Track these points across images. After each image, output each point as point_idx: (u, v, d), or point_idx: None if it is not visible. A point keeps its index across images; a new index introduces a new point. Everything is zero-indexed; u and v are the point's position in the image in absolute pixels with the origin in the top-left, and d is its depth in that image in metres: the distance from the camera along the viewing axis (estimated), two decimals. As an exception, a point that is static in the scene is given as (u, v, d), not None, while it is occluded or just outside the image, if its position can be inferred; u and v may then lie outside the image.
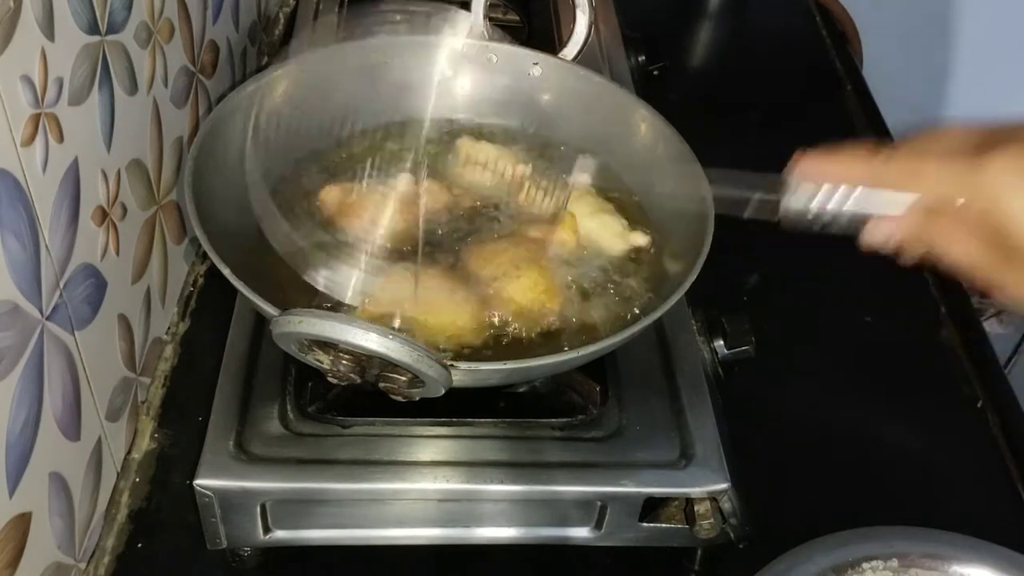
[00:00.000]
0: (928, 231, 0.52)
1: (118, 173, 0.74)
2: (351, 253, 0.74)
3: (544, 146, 0.89)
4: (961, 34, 1.95)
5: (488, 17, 0.91)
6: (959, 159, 0.50)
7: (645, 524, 0.73)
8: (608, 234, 0.81)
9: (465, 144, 0.87)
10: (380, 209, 0.78)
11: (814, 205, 0.55)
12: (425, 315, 0.71)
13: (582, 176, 0.82)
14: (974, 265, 0.51)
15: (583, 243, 0.80)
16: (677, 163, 0.81)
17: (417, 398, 0.63)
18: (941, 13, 1.94)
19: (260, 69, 1.09)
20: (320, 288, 0.67)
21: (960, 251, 0.51)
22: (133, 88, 0.76)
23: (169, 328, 0.89)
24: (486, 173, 0.84)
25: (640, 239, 0.81)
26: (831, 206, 0.55)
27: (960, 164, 0.50)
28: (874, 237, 0.54)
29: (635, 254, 0.81)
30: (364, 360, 0.60)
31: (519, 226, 0.80)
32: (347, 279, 0.68)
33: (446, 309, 0.72)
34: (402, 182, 0.81)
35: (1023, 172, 0.47)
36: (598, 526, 0.73)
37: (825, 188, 0.55)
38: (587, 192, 0.84)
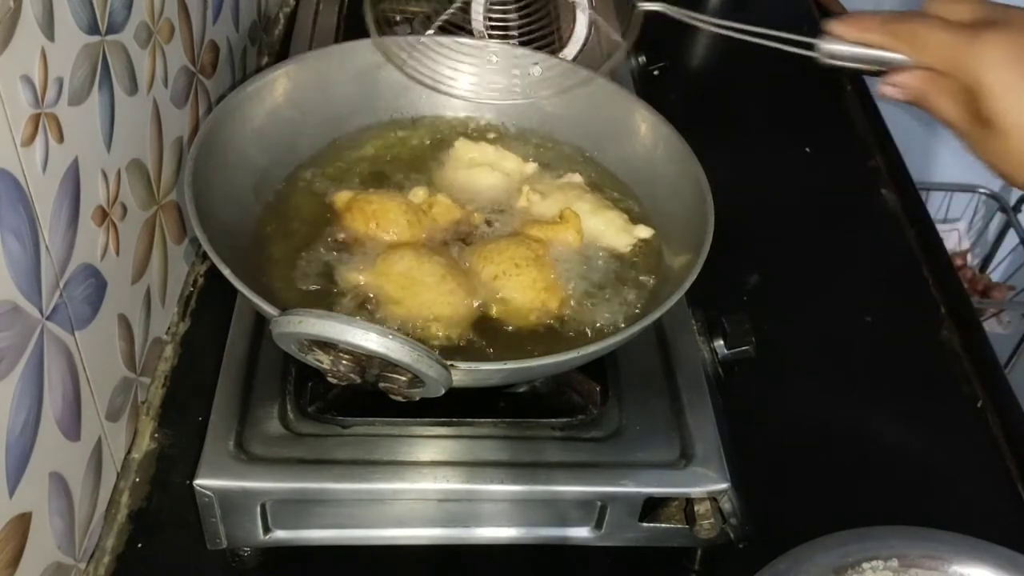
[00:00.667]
0: (926, 89, 0.59)
1: (118, 173, 0.74)
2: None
3: (544, 146, 0.89)
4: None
5: (488, 17, 0.92)
6: (957, 31, 0.57)
7: (645, 524, 0.73)
8: (612, 230, 0.81)
9: (463, 146, 0.87)
10: (390, 218, 0.78)
11: (840, 56, 0.64)
12: (405, 294, 0.72)
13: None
14: (957, 126, 0.58)
15: (587, 242, 0.80)
16: (677, 163, 0.81)
17: (417, 398, 0.63)
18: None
19: (260, 69, 1.09)
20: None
21: (948, 111, 0.58)
22: (133, 88, 0.76)
23: (169, 328, 0.89)
24: (485, 174, 0.84)
25: (644, 231, 0.81)
26: (852, 59, 0.64)
27: (956, 36, 0.57)
28: (885, 90, 0.62)
29: (640, 247, 0.81)
30: (364, 360, 0.60)
31: (522, 225, 0.80)
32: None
33: (430, 294, 0.72)
34: (416, 195, 0.81)
35: (1009, 52, 0.54)
36: (598, 526, 0.73)
37: (848, 46, 0.63)
38: (585, 190, 0.84)
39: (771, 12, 1.53)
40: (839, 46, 0.64)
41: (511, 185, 0.84)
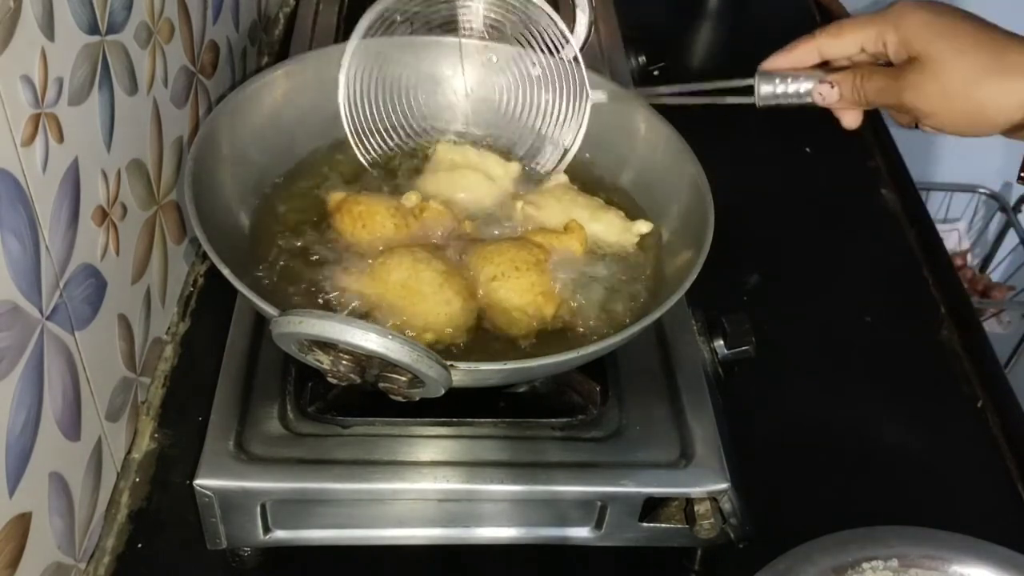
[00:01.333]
0: (854, 78, 0.68)
1: (118, 173, 0.74)
2: None
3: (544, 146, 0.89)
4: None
5: (488, 17, 0.91)
6: (872, 12, 0.67)
7: (645, 524, 0.73)
8: (614, 231, 0.81)
9: (444, 149, 0.86)
10: (377, 221, 0.78)
11: (779, 91, 0.72)
12: (404, 304, 0.72)
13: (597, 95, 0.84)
14: (886, 90, 0.66)
15: (590, 248, 0.80)
16: (677, 163, 0.81)
17: (417, 398, 0.63)
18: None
19: (260, 69, 1.09)
20: None
21: (877, 84, 0.66)
22: (133, 88, 0.76)
23: (169, 328, 0.89)
24: (467, 177, 0.84)
25: (644, 226, 0.81)
26: (791, 95, 0.72)
27: (873, 14, 0.67)
28: (820, 96, 0.70)
29: (642, 243, 0.81)
30: (364, 360, 0.60)
31: (526, 231, 0.80)
32: None
33: (426, 304, 0.72)
34: (409, 199, 0.81)
35: (919, 4, 0.64)
36: (598, 526, 0.73)
37: (782, 76, 0.71)
38: (577, 193, 0.83)
39: (771, 12, 1.53)
40: (774, 84, 0.71)
41: (496, 189, 0.84)
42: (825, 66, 0.71)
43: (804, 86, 0.70)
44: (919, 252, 1.10)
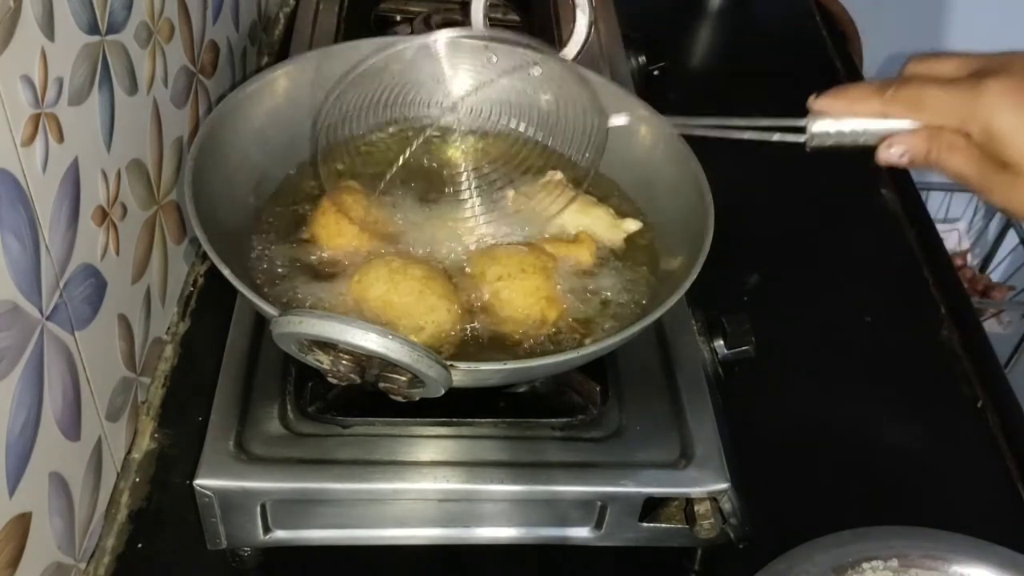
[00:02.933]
0: (931, 148, 0.59)
1: (118, 173, 0.74)
2: None
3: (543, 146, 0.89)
4: (960, 34, 1.95)
5: (488, 17, 0.91)
6: (958, 86, 0.57)
7: (645, 524, 0.73)
8: (601, 226, 0.81)
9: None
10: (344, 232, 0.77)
11: (832, 135, 0.63)
12: (387, 318, 0.71)
13: (619, 120, 0.79)
14: (969, 177, 0.58)
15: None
16: (677, 163, 0.81)
17: (417, 398, 0.63)
18: (940, 13, 1.94)
19: (260, 69, 1.09)
20: None
21: (958, 164, 0.58)
22: (133, 88, 0.76)
23: (169, 328, 0.89)
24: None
25: (632, 224, 0.81)
26: (847, 135, 0.62)
27: (959, 91, 0.57)
28: (887, 156, 0.61)
29: (639, 242, 0.81)
30: (364, 360, 0.60)
31: (538, 241, 0.80)
32: None
33: (409, 319, 0.71)
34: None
35: (1016, 95, 0.55)
36: (598, 526, 0.73)
37: (841, 121, 0.62)
38: (571, 189, 0.83)
39: (771, 12, 1.53)
40: (829, 123, 0.62)
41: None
42: None
43: (862, 128, 0.62)
44: (919, 252, 1.10)
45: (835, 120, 0.62)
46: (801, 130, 0.64)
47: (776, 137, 0.65)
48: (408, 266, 0.73)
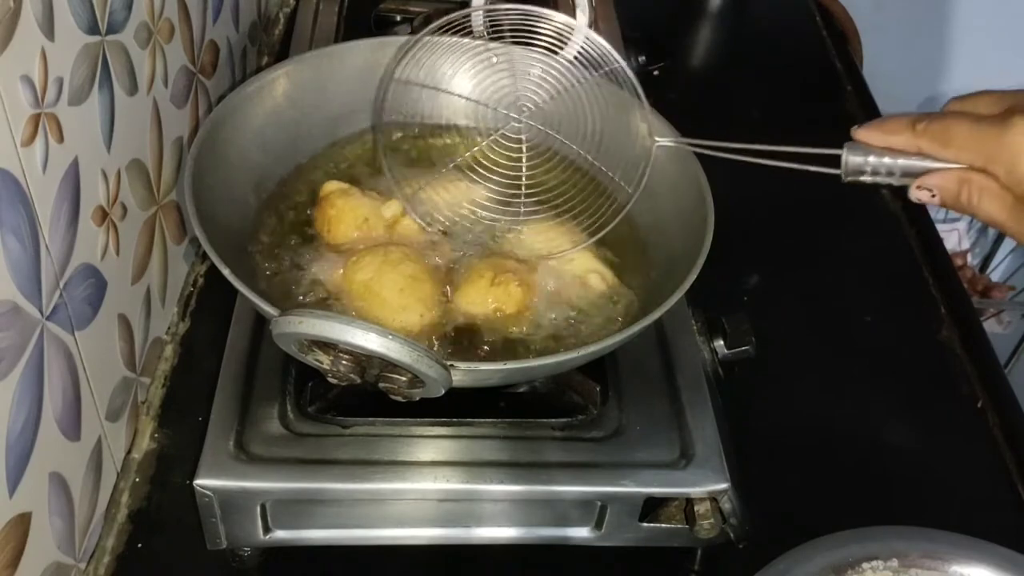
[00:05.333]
0: (961, 190, 0.58)
1: (118, 173, 0.74)
2: None
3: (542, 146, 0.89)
4: (961, 34, 1.95)
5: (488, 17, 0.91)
6: (985, 125, 0.56)
7: (645, 524, 0.73)
8: (578, 269, 0.79)
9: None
10: (345, 221, 0.78)
11: (868, 169, 0.62)
12: (363, 304, 0.72)
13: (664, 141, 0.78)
14: (1002, 223, 0.57)
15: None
16: (677, 163, 0.81)
17: (417, 398, 0.63)
18: (941, 13, 1.94)
19: (260, 69, 1.09)
20: None
21: (989, 208, 0.57)
22: (133, 88, 0.76)
23: (169, 328, 0.89)
24: None
25: (597, 283, 0.78)
26: (882, 169, 0.61)
27: (985, 128, 0.56)
28: (918, 195, 0.60)
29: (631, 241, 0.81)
30: (364, 360, 0.60)
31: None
32: None
33: (382, 310, 0.72)
34: (390, 207, 0.80)
35: None
36: (598, 526, 0.73)
37: (875, 152, 0.61)
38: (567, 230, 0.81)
39: (771, 12, 1.53)
40: (865, 157, 0.61)
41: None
42: None
43: (898, 165, 0.61)
44: (919, 252, 1.10)
45: (870, 153, 0.61)
46: (837, 162, 0.63)
47: (812, 169, 0.64)
48: (403, 262, 0.73)
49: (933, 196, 0.59)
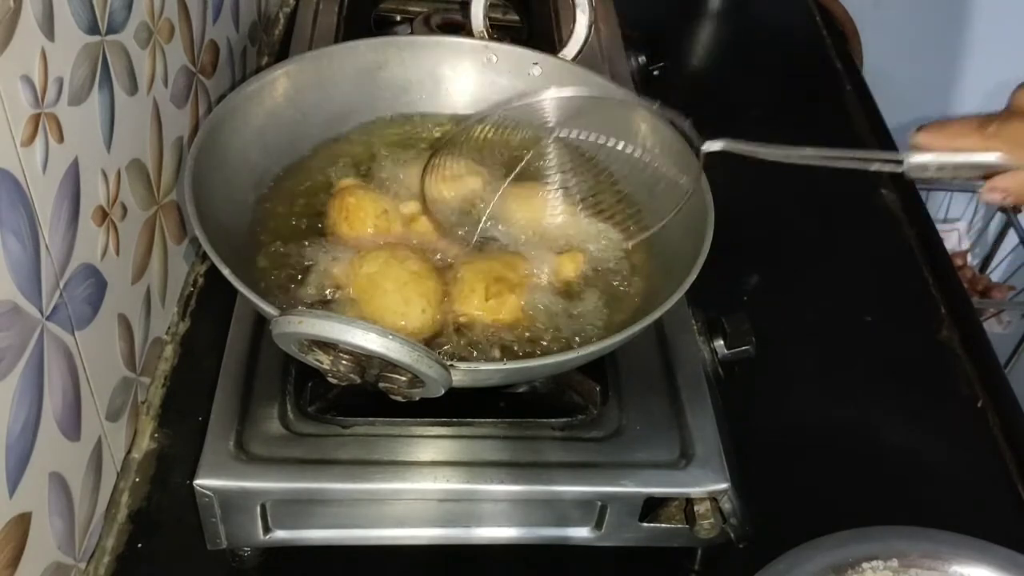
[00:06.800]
0: None
1: (118, 173, 0.74)
2: None
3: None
4: (961, 34, 1.95)
5: (488, 17, 0.91)
6: None
7: (645, 524, 0.73)
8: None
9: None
10: (359, 216, 0.78)
11: (931, 168, 0.61)
12: (364, 297, 0.72)
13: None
14: None
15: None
16: (677, 163, 0.81)
17: (417, 398, 0.63)
18: (941, 13, 1.94)
19: (260, 69, 1.09)
20: None
21: None
22: (133, 88, 0.76)
23: (169, 328, 0.89)
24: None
25: (569, 270, 0.78)
26: (947, 168, 0.61)
27: None
28: (990, 198, 0.60)
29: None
30: (364, 360, 0.60)
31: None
32: None
33: (384, 302, 0.71)
34: (408, 206, 0.80)
35: None
36: (598, 526, 0.73)
37: (940, 156, 0.61)
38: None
39: (771, 12, 1.53)
40: (928, 158, 0.61)
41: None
42: None
43: (961, 162, 0.61)
44: (919, 252, 1.10)
45: (934, 155, 0.61)
46: (899, 162, 0.63)
47: (875, 167, 0.64)
48: (409, 259, 0.74)
49: (1006, 198, 0.59)
